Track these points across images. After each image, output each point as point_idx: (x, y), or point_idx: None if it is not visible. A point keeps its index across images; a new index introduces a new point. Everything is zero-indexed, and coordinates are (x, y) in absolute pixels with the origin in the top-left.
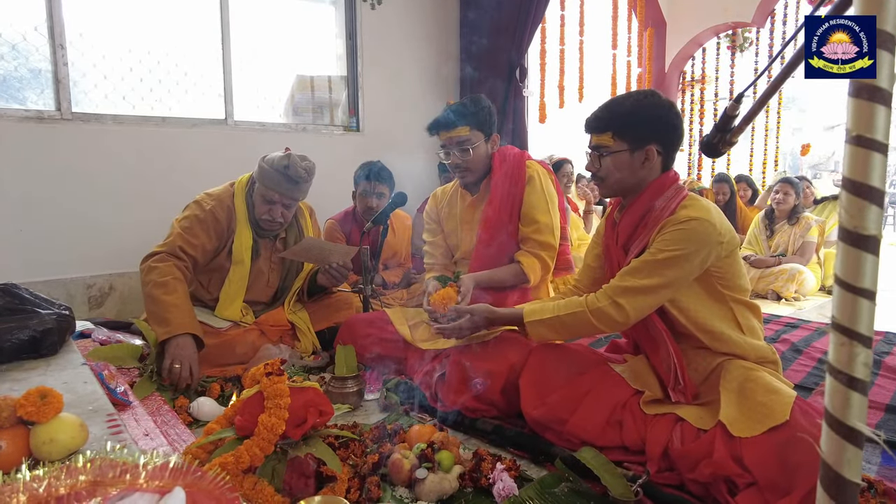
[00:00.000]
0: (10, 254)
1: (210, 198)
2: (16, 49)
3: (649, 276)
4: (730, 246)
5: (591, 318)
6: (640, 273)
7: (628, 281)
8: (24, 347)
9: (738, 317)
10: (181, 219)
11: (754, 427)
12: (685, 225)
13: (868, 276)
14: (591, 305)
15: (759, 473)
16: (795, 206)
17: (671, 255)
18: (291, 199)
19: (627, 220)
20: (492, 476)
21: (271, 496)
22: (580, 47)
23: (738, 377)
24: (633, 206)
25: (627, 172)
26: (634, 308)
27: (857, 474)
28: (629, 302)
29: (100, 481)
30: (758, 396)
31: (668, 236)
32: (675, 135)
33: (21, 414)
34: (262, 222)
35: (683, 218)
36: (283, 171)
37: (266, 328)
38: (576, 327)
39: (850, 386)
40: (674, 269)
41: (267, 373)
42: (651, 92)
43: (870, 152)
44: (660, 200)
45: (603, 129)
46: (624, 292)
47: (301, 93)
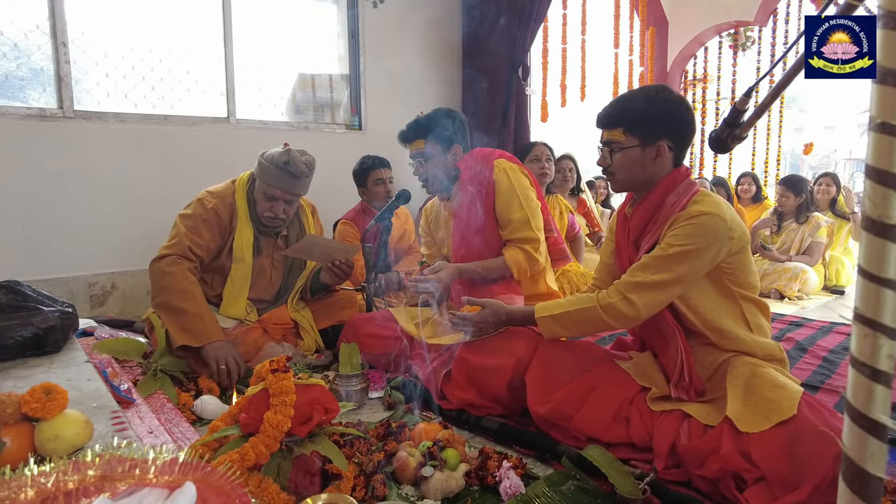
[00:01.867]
0: (13, 252)
1: (212, 196)
2: (18, 47)
3: (660, 272)
4: (740, 242)
5: (602, 313)
6: (650, 269)
7: (639, 276)
8: (28, 344)
9: (747, 314)
10: (184, 217)
11: (761, 422)
12: (696, 220)
13: (893, 265)
14: (602, 301)
15: (767, 468)
16: (801, 204)
17: (682, 250)
18: (293, 195)
19: (639, 216)
20: (498, 474)
21: (277, 494)
22: (582, 46)
23: (745, 373)
24: (644, 201)
25: (639, 168)
26: (645, 304)
27: (881, 468)
28: (640, 298)
29: (108, 476)
30: (764, 392)
31: (679, 231)
32: (688, 130)
33: (26, 410)
34: (264, 219)
35: (694, 213)
36: (283, 167)
37: (269, 326)
38: (586, 323)
39: (873, 378)
40: (684, 265)
41: (273, 370)
42: (662, 87)
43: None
44: (671, 196)
45: (614, 125)
46: (635, 288)
47: (303, 91)
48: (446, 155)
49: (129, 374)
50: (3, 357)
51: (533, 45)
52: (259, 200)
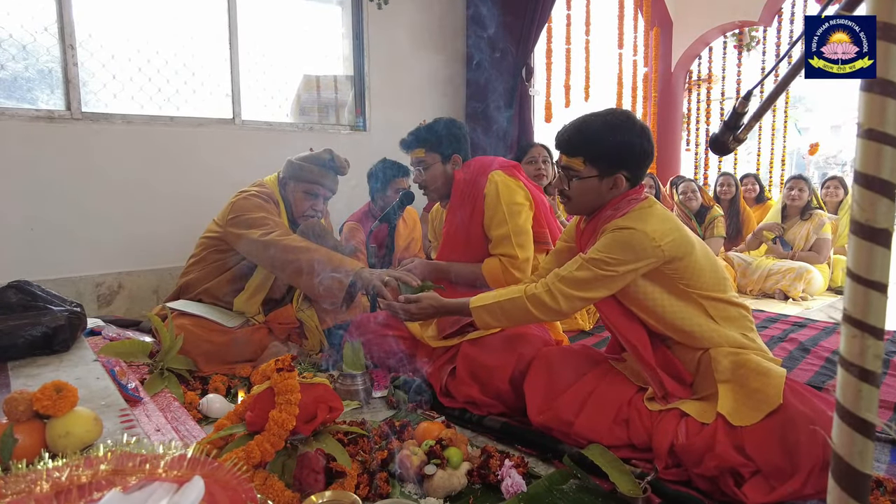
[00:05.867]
0: (22, 252)
1: (254, 187)
2: (26, 50)
3: (581, 269)
4: (673, 252)
5: (528, 303)
6: (574, 264)
7: (564, 270)
8: (38, 343)
9: (710, 310)
10: (245, 206)
11: (753, 415)
12: (616, 234)
13: (879, 268)
14: (528, 292)
15: (761, 460)
16: (808, 202)
17: (601, 258)
18: (331, 192)
19: (589, 230)
20: (500, 473)
21: (281, 491)
22: (586, 47)
23: (729, 365)
24: (594, 218)
25: (594, 196)
26: (566, 297)
27: (868, 466)
28: (561, 290)
29: (120, 470)
30: (751, 382)
31: (603, 240)
32: (646, 161)
33: (37, 408)
34: (301, 218)
35: (614, 227)
36: (328, 164)
37: (274, 326)
38: (514, 313)
39: (861, 378)
40: (603, 270)
41: (278, 368)
42: (626, 115)
43: (882, 146)
44: (610, 210)
45: (574, 153)
46: (559, 280)
47: (308, 92)
48: (445, 164)
49: (136, 373)
50: (13, 356)
51: (537, 45)
52: (298, 200)
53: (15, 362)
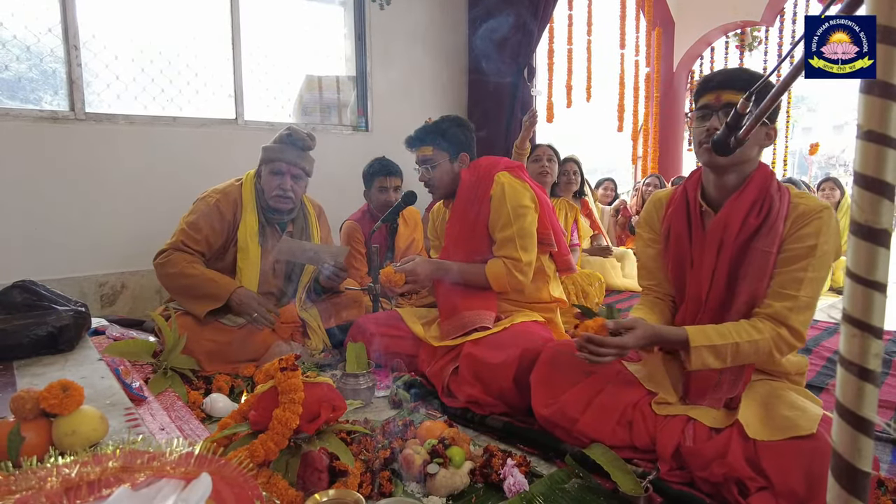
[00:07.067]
0: (25, 252)
1: (216, 192)
2: (30, 50)
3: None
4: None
5: (773, 346)
6: (795, 284)
7: (790, 301)
8: (43, 343)
9: None
10: (187, 216)
11: (774, 433)
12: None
13: (880, 268)
14: (772, 333)
15: (777, 480)
16: None
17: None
18: (299, 169)
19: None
20: (502, 472)
21: (285, 490)
22: (588, 47)
23: (763, 393)
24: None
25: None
26: (805, 325)
27: (868, 464)
28: (804, 322)
29: (128, 467)
30: (781, 410)
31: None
32: None
33: (44, 406)
34: (272, 200)
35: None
36: (286, 140)
37: (277, 325)
38: (753, 355)
39: (861, 377)
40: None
41: (281, 367)
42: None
43: (882, 147)
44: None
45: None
46: (796, 312)
47: (310, 93)
48: (452, 162)
49: (140, 373)
50: (18, 355)
51: (539, 45)
52: (266, 183)
53: (20, 361)
